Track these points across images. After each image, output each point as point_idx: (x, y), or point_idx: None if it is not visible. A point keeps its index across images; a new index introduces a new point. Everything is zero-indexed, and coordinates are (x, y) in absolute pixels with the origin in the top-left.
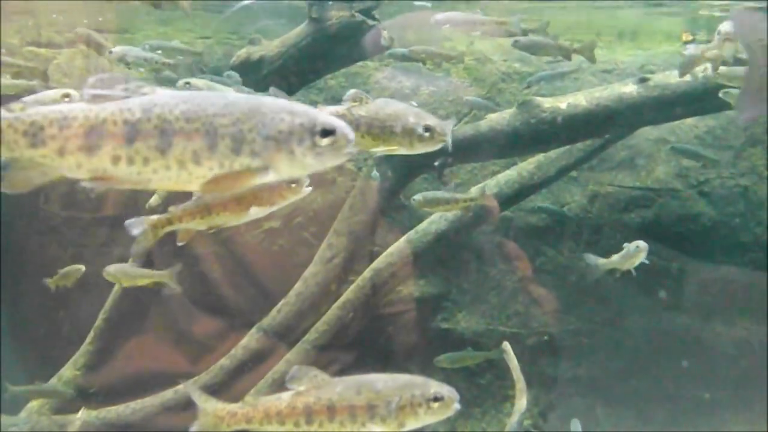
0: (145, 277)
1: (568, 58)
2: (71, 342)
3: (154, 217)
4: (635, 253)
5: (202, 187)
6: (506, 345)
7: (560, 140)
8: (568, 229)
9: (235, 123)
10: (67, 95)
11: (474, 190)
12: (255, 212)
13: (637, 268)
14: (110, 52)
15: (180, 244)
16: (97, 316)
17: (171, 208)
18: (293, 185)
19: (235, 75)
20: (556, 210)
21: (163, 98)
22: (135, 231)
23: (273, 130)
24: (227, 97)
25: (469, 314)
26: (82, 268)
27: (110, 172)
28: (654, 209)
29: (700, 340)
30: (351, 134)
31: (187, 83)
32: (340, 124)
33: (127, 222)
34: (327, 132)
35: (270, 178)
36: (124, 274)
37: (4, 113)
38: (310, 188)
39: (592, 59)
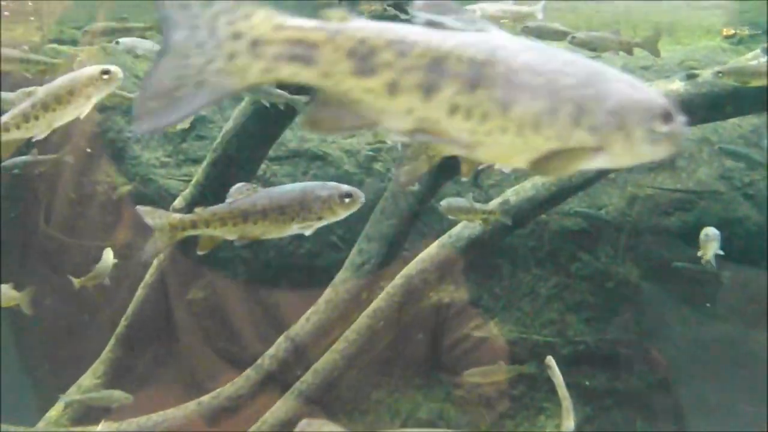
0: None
1: (630, 53)
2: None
3: (177, 215)
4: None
5: (532, 165)
6: (550, 360)
7: None
8: (605, 233)
9: (577, 86)
10: (107, 72)
11: (494, 203)
12: (298, 226)
13: (676, 275)
14: (117, 43)
15: (200, 253)
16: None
17: (198, 210)
18: (347, 200)
19: None
20: (592, 214)
21: (503, 40)
22: (151, 221)
23: (616, 104)
24: (563, 53)
25: (501, 321)
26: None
27: (442, 125)
28: (696, 213)
29: (745, 350)
30: (686, 126)
31: (117, 42)
32: (678, 110)
33: (141, 209)
34: (668, 116)
35: (599, 162)
36: None
37: (317, 22)
38: (363, 201)
39: (656, 53)
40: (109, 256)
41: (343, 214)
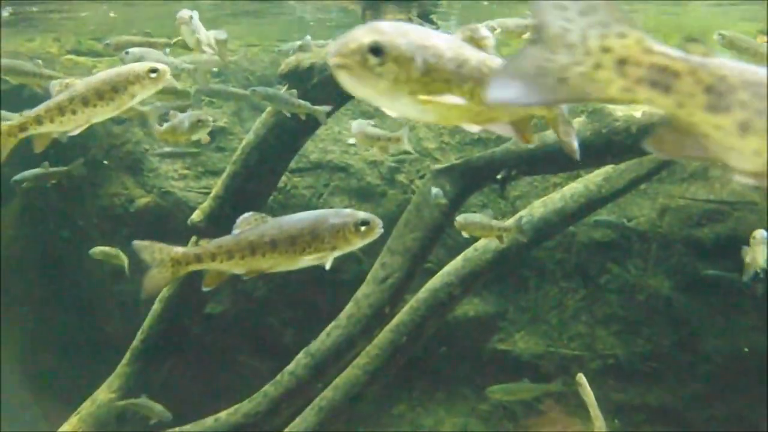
0: None
1: None
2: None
3: (180, 249)
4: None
5: None
6: (581, 377)
7: (634, 151)
8: (635, 244)
9: None
10: (154, 70)
11: (510, 221)
12: (311, 258)
13: (709, 287)
14: (126, 53)
15: (206, 289)
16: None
17: (203, 242)
18: (363, 228)
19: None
20: (616, 223)
21: None
22: (149, 258)
23: None
24: None
25: (527, 335)
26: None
27: None
28: (729, 224)
29: None
30: None
31: (126, 53)
32: None
33: (137, 244)
34: None
35: None
36: None
37: (681, 52)
38: (382, 230)
39: None
40: (102, 250)
41: (359, 244)
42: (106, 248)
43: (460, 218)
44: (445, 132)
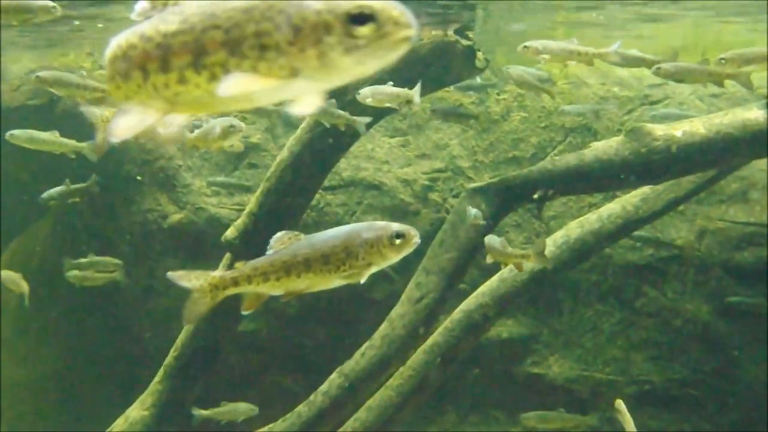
0: None
1: (720, 85)
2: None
3: (216, 274)
4: None
5: None
6: (620, 404)
7: (675, 171)
8: (672, 267)
9: None
10: None
11: (530, 248)
12: (347, 276)
13: (748, 312)
14: None
15: (245, 313)
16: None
17: (238, 265)
18: (398, 240)
19: None
20: (655, 239)
21: None
22: (188, 284)
23: None
24: None
25: (561, 358)
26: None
27: None
28: None
29: None
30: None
31: None
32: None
33: (173, 274)
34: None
35: None
36: None
37: None
38: (419, 241)
39: (749, 86)
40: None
41: (394, 258)
42: (79, 272)
43: (487, 239)
44: (479, 150)
